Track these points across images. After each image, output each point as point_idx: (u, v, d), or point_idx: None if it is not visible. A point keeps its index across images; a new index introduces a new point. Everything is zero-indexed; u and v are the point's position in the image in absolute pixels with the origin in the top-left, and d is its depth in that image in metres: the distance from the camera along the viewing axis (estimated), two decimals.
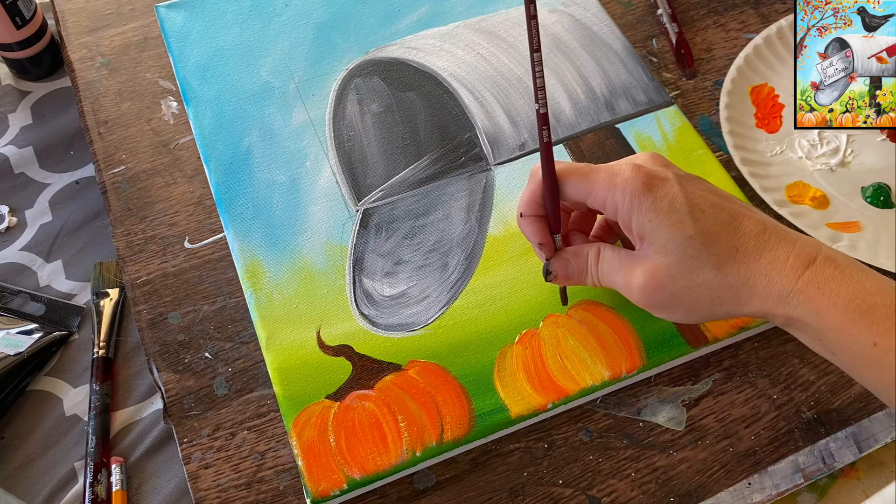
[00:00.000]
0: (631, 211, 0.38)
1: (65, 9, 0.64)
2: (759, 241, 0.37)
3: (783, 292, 0.36)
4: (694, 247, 0.37)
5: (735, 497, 0.43)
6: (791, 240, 0.37)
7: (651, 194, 0.38)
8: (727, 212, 0.38)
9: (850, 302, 0.35)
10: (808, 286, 0.36)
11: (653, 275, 0.38)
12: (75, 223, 0.57)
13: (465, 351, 0.46)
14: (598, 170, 0.40)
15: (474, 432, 0.43)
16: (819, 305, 0.36)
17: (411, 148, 0.54)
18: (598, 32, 0.59)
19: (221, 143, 0.54)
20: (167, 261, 0.51)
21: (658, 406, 0.45)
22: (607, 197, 0.39)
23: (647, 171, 0.39)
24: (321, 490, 0.41)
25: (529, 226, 0.42)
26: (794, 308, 0.36)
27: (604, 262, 0.41)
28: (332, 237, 0.50)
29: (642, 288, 0.39)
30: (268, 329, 0.47)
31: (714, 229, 0.37)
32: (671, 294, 0.38)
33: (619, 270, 0.40)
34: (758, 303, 0.37)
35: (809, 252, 0.37)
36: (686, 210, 0.37)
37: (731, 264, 0.37)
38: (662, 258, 0.38)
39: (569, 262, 0.43)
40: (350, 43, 0.59)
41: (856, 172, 0.54)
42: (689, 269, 0.38)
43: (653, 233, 0.38)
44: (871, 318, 0.35)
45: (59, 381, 0.50)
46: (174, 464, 0.46)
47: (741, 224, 0.38)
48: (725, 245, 0.37)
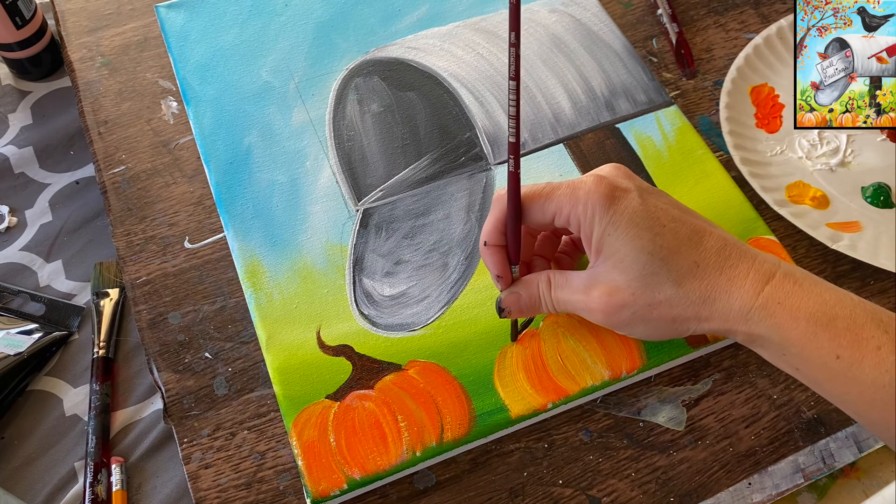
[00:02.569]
0: (592, 223, 0.37)
1: (65, 9, 0.64)
2: (719, 258, 0.37)
3: (744, 308, 0.36)
4: (653, 262, 0.37)
5: (735, 497, 0.43)
6: (751, 256, 0.37)
7: (612, 207, 0.37)
8: (688, 226, 0.37)
9: (812, 315, 0.35)
10: (769, 302, 0.36)
11: (613, 293, 0.38)
12: (75, 223, 0.57)
13: (465, 351, 0.46)
14: (560, 186, 0.39)
15: (474, 432, 0.43)
16: (780, 321, 0.35)
17: (411, 148, 0.54)
18: (598, 32, 0.59)
19: (221, 143, 0.54)
20: (167, 261, 0.51)
21: (658, 406, 0.45)
22: (571, 211, 0.38)
23: (608, 182, 0.38)
24: (321, 490, 0.41)
25: (491, 256, 0.41)
26: (756, 325, 0.36)
27: (556, 289, 0.40)
28: (332, 237, 0.50)
29: (604, 307, 0.38)
30: (268, 329, 0.47)
31: (674, 244, 0.37)
32: (633, 312, 0.38)
33: (576, 294, 0.39)
34: (719, 319, 0.37)
35: (769, 268, 0.37)
36: (646, 224, 0.37)
37: (691, 280, 0.37)
38: (621, 275, 0.37)
39: (520, 296, 0.41)
40: (350, 43, 0.59)
41: (856, 172, 0.54)
42: (649, 285, 0.37)
43: (611, 246, 0.37)
44: (833, 331, 0.35)
45: (59, 381, 0.50)
46: (174, 464, 0.46)
47: (702, 240, 0.37)
48: (686, 261, 0.37)
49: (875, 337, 0.34)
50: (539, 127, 0.55)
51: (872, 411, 0.35)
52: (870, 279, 0.50)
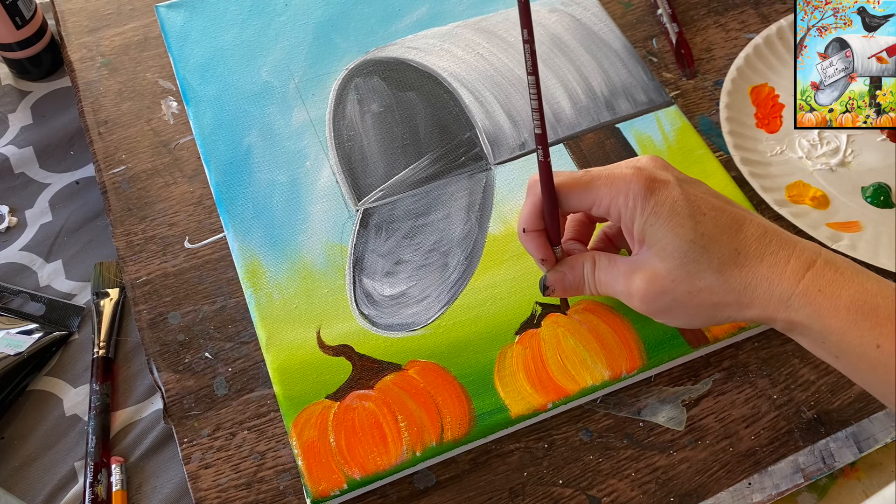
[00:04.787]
0: (633, 214, 0.38)
1: (65, 9, 0.64)
2: (760, 245, 0.37)
3: (784, 296, 0.36)
4: (694, 250, 0.37)
5: (735, 497, 0.43)
6: (791, 243, 0.37)
7: (652, 197, 0.38)
8: (728, 215, 0.38)
9: (852, 304, 0.35)
10: (810, 289, 0.36)
11: (654, 280, 0.38)
12: (75, 223, 0.57)
13: (465, 351, 0.46)
14: (599, 176, 0.39)
15: (474, 432, 0.43)
16: (821, 308, 0.35)
17: (411, 148, 0.54)
18: (598, 32, 0.59)
19: (221, 143, 0.54)
20: (167, 261, 0.51)
21: (658, 406, 0.45)
22: (612, 202, 0.39)
23: (648, 174, 0.38)
24: (321, 490, 0.41)
25: (532, 241, 0.42)
26: (796, 312, 0.36)
27: (600, 271, 0.41)
28: (332, 237, 0.50)
29: (644, 294, 0.39)
30: (268, 329, 0.47)
31: (715, 232, 0.37)
32: (673, 299, 0.38)
33: (618, 278, 0.40)
34: (759, 307, 0.37)
35: (810, 255, 0.37)
36: (687, 213, 0.37)
37: (732, 268, 0.37)
38: (662, 263, 0.38)
39: (565, 275, 0.42)
40: (350, 43, 0.59)
41: (856, 172, 0.54)
42: (690, 273, 0.37)
43: (653, 236, 0.38)
44: (874, 320, 0.35)
45: (59, 381, 0.50)
46: (174, 464, 0.46)
47: (742, 227, 0.38)
48: (727, 248, 0.37)
49: None
50: None
51: None
52: None
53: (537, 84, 0.37)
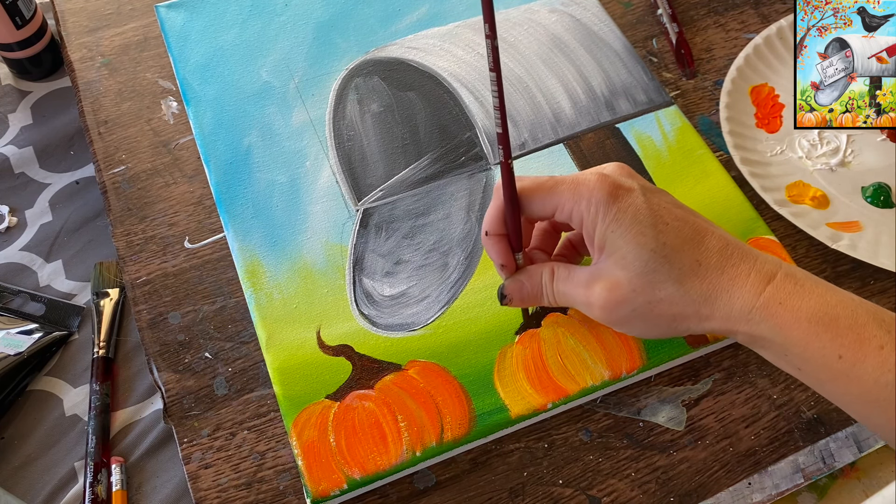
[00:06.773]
0: (595, 221, 0.38)
1: (65, 9, 0.64)
2: (721, 257, 0.37)
3: (745, 308, 0.36)
4: (655, 260, 0.37)
5: (735, 497, 0.43)
6: (752, 256, 0.37)
7: (615, 204, 0.37)
8: (691, 226, 0.38)
9: (813, 315, 0.35)
10: (770, 302, 0.36)
11: (613, 290, 0.38)
12: (75, 223, 0.57)
13: (465, 351, 0.46)
14: (563, 181, 0.39)
15: (474, 432, 0.43)
16: (782, 321, 0.35)
17: (411, 148, 0.54)
18: (598, 32, 0.59)
19: (221, 143, 0.54)
20: (167, 261, 0.51)
21: (658, 406, 0.45)
22: (574, 207, 0.38)
23: (612, 180, 0.38)
24: (321, 490, 0.41)
25: (493, 245, 0.41)
26: (757, 325, 0.36)
27: (558, 281, 0.40)
28: (332, 237, 0.50)
29: (604, 303, 0.38)
30: (268, 329, 0.47)
31: (677, 243, 0.37)
32: (633, 309, 0.38)
33: (577, 288, 0.39)
34: (719, 319, 0.37)
35: (770, 269, 0.37)
36: (650, 222, 0.37)
37: (692, 279, 0.37)
38: (622, 272, 0.37)
39: (523, 285, 0.42)
40: (350, 43, 0.59)
41: (856, 172, 0.54)
42: (651, 283, 0.37)
43: (614, 244, 0.37)
44: (836, 331, 0.35)
45: (59, 381, 0.50)
46: (174, 464, 0.46)
47: (704, 239, 0.37)
48: (688, 259, 0.37)
49: (877, 336, 0.34)
50: (539, 127, 0.55)
51: (875, 411, 0.35)
52: (870, 279, 0.50)
53: (499, 81, 0.36)
